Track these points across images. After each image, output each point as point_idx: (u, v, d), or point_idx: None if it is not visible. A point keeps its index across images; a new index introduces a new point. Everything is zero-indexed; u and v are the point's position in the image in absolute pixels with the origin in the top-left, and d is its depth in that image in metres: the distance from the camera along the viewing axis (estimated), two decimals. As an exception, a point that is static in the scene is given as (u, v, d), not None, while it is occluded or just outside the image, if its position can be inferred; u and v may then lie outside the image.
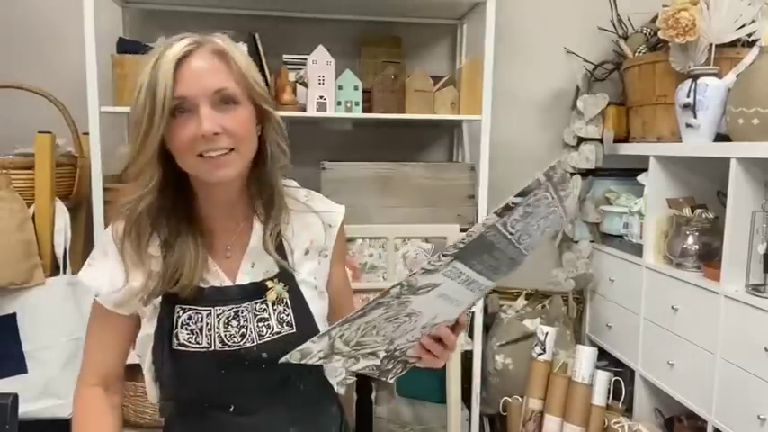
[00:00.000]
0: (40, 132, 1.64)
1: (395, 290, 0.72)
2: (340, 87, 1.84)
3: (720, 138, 1.74)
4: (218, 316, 0.92)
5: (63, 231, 1.70)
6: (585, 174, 2.16)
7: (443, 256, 0.71)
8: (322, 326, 0.97)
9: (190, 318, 0.92)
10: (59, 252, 1.69)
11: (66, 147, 1.81)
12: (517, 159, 2.26)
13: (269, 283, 0.94)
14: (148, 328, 0.93)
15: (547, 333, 1.88)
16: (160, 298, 0.92)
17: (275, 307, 0.94)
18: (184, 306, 0.92)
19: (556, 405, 1.82)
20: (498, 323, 2.17)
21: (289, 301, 0.95)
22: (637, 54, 2.01)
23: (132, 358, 1.02)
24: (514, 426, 1.92)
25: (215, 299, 0.93)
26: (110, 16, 1.93)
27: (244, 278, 0.95)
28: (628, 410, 1.96)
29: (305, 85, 1.81)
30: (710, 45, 1.73)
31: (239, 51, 0.89)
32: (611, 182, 2.21)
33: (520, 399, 1.94)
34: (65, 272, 1.70)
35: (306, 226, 0.99)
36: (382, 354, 0.84)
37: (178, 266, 0.90)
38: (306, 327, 0.95)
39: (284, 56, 1.93)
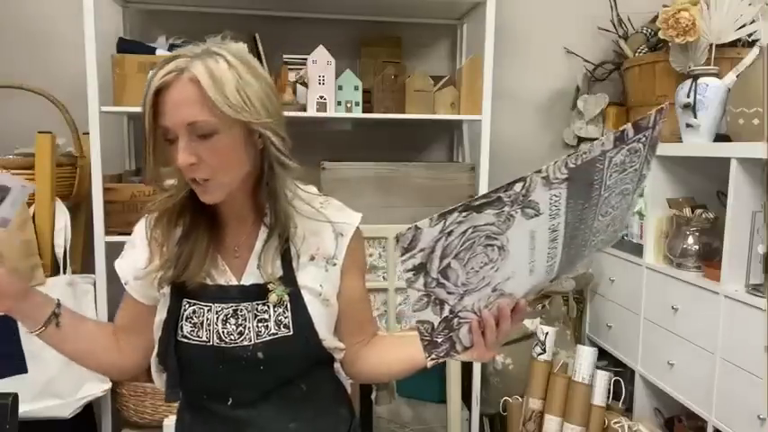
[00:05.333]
0: (40, 132, 1.64)
1: (518, 185, 0.69)
2: (340, 87, 1.84)
3: (720, 138, 1.74)
4: (217, 312, 0.96)
5: (63, 231, 1.70)
6: (585, 174, 2.16)
7: (565, 167, 0.69)
8: (323, 332, 0.98)
9: (194, 312, 0.96)
10: (59, 252, 1.69)
11: (67, 147, 1.81)
12: (517, 159, 2.25)
13: (271, 286, 0.96)
14: (159, 317, 0.98)
15: (547, 333, 1.88)
16: (170, 288, 0.97)
17: (275, 309, 0.96)
18: (191, 300, 0.97)
19: (556, 405, 1.82)
20: (498, 323, 2.16)
21: (288, 304, 0.96)
22: (637, 54, 2.01)
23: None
24: (514, 426, 1.92)
25: (216, 296, 0.96)
26: (110, 16, 1.94)
27: (249, 278, 0.97)
28: (628, 410, 1.96)
29: (305, 85, 1.81)
30: (710, 45, 1.73)
31: (223, 72, 0.84)
32: (612, 182, 2.20)
33: (520, 399, 1.94)
34: (65, 272, 1.70)
35: (315, 233, 1.00)
36: (447, 309, 0.78)
37: (188, 256, 0.95)
38: (303, 330, 0.96)
39: (284, 56, 1.92)
